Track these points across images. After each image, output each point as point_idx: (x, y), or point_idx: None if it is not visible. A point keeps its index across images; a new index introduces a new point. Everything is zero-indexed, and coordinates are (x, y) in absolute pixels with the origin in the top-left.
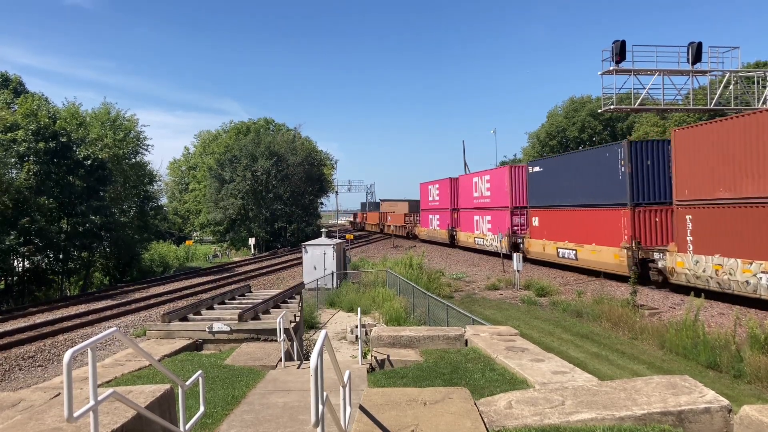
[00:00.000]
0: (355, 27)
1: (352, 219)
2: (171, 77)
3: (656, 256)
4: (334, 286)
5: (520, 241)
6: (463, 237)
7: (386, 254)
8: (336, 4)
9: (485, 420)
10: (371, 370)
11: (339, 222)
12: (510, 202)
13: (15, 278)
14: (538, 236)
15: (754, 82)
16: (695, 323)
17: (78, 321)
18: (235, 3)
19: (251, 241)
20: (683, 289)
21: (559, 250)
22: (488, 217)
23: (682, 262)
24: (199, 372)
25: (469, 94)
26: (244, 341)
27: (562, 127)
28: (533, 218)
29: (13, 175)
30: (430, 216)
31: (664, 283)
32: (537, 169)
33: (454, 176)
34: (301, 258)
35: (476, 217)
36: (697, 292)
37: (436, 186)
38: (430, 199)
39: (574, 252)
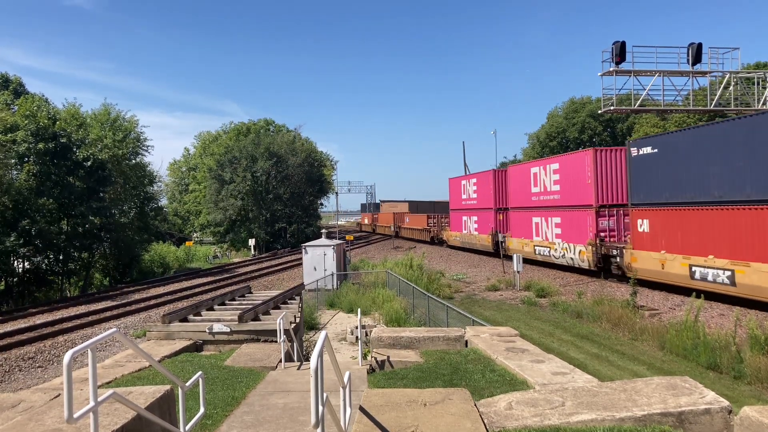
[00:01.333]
0: (356, 29)
1: (359, 220)
2: (171, 78)
3: None
4: (334, 287)
5: (615, 252)
6: (515, 244)
7: (386, 255)
8: (337, 7)
9: (485, 421)
10: (371, 371)
11: (341, 223)
12: (595, 199)
13: (15, 279)
14: (651, 246)
15: (754, 83)
16: (695, 324)
17: (78, 322)
18: (235, 5)
19: (251, 242)
20: None
21: (695, 269)
22: (556, 219)
23: None
24: (199, 373)
25: (469, 95)
26: (244, 342)
27: (562, 128)
28: (639, 221)
29: (13, 176)
30: (464, 217)
31: None
32: (647, 150)
33: (494, 168)
34: (301, 259)
35: (536, 219)
36: None
37: (473, 181)
38: (464, 197)
39: (730, 273)
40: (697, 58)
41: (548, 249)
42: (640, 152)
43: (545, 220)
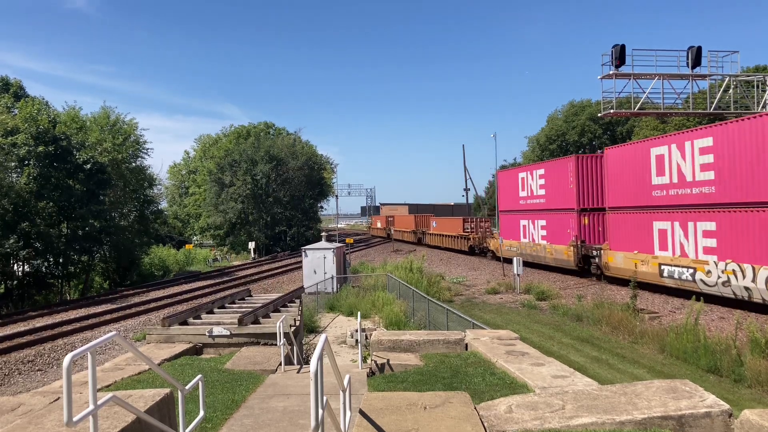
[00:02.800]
0: (356, 32)
1: (370, 223)
2: (171, 82)
3: None
4: (334, 290)
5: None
6: (624, 261)
7: (386, 258)
8: (336, 10)
9: (485, 424)
10: (371, 374)
11: (341, 226)
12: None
13: (15, 282)
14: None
15: (753, 86)
16: (695, 327)
17: (78, 325)
18: (235, 8)
19: (251, 245)
20: None
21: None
22: (706, 225)
23: None
24: (199, 376)
25: (469, 98)
26: (244, 345)
27: (562, 131)
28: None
29: (14, 179)
30: (523, 221)
31: None
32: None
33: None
34: (301, 262)
35: (660, 225)
36: None
37: (538, 173)
38: (523, 194)
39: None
40: (696, 62)
41: (693, 272)
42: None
43: (683, 225)
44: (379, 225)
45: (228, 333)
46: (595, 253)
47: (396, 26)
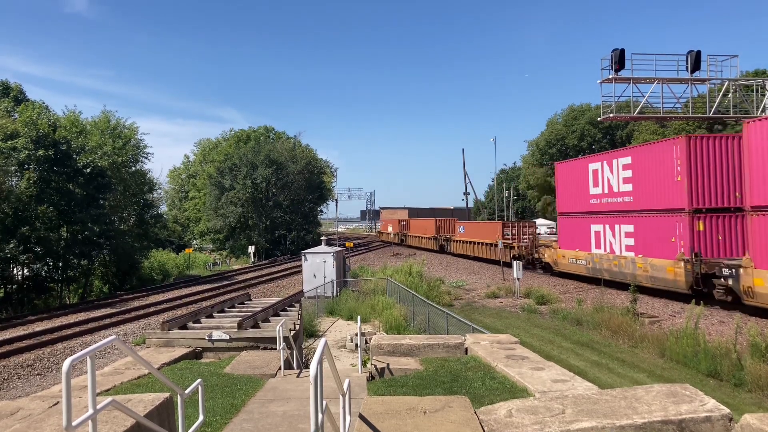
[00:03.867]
0: (356, 35)
1: (381, 227)
2: (171, 86)
3: None
4: (334, 294)
5: None
6: None
7: (386, 262)
8: (336, 13)
9: (485, 429)
10: (371, 378)
11: (341, 230)
12: None
13: (14, 286)
14: None
15: (752, 91)
16: (695, 331)
17: (77, 329)
18: (235, 12)
19: (251, 249)
20: None
21: None
22: None
23: None
24: (199, 380)
25: (468, 102)
26: (243, 349)
27: (561, 135)
28: None
29: (13, 183)
30: (595, 227)
31: None
32: None
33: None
34: (300, 266)
35: None
36: None
37: (622, 161)
38: (595, 190)
39: None
40: (696, 66)
41: None
42: None
43: None
44: (390, 230)
45: (228, 337)
46: (726, 271)
47: (397, 32)
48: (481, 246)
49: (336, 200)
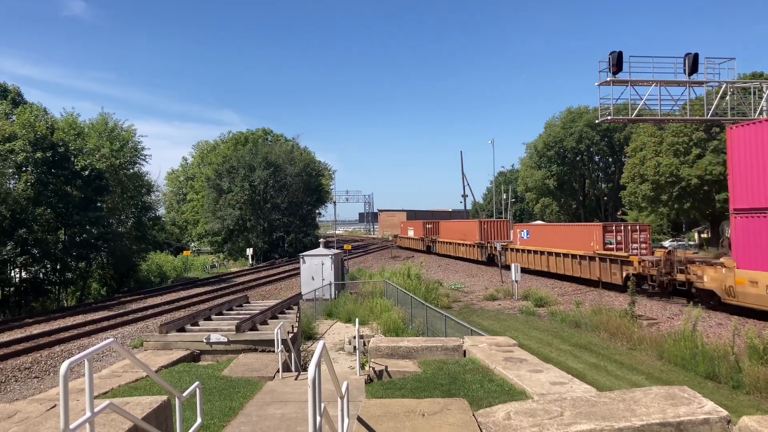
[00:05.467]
0: (354, 38)
1: (399, 232)
2: (169, 88)
3: None
4: (332, 296)
5: None
6: None
7: (384, 264)
8: (334, 15)
9: (484, 431)
10: (369, 381)
11: (339, 232)
12: None
13: (12, 289)
14: None
15: (750, 93)
16: (693, 334)
17: (75, 332)
18: (234, 14)
19: (249, 251)
20: None
21: None
22: None
23: None
24: (197, 383)
25: (467, 104)
26: (241, 352)
27: (559, 138)
28: None
29: (11, 186)
30: None
31: None
32: None
33: None
34: (298, 268)
35: None
36: None
37: None
38: None
39: None
40: (693, 68)
41: None
42: None
43: None
44: (411, 234)
45: (226, 340)
46: None
47: (395, 33)
48: (568, 260)
49: (334, 202)
